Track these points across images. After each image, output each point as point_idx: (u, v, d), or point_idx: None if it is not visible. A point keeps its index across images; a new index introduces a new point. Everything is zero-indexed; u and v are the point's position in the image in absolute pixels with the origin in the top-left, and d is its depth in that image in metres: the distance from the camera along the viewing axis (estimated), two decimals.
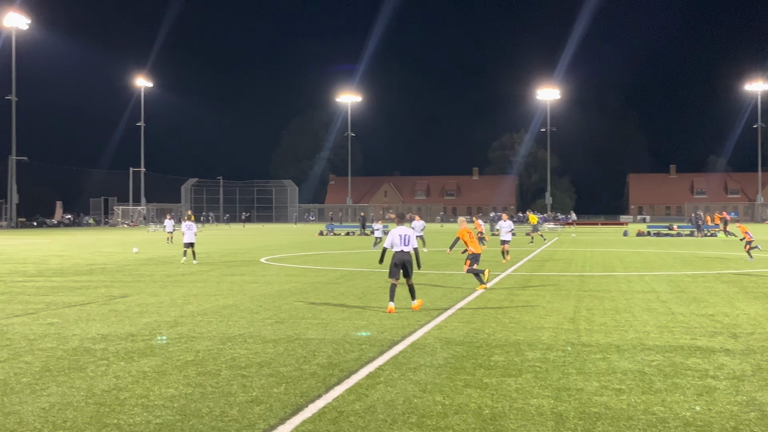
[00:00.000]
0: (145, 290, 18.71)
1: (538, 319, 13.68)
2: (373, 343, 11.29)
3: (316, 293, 17.90)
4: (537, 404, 7.90)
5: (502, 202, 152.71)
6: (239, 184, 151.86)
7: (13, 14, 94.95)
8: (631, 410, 7.70)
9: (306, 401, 7.98)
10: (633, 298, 16.86)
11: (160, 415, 7.45)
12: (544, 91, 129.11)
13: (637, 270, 25.03)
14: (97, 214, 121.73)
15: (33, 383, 8.77)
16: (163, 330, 12.50)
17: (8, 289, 19.01)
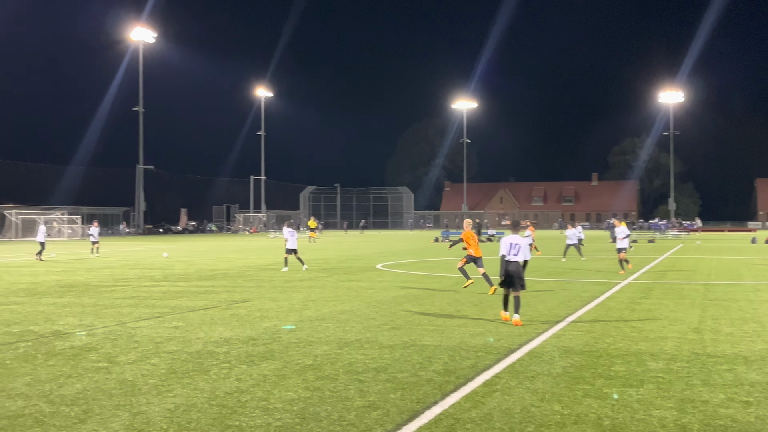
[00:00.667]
0: (266, 295, 19.12)
1: (661, 329, 13.31)
2: (490, 351, 11.21)
3: (432, 300, 17.92)
4: (660, 416, 7.68)
5: (622, 208, 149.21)
6: (356, 191, 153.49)
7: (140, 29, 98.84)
8: (759, 423, 7.40)
9: (422, 407, 7.99)
10: (762, 308, 16.20)
11: (279, 418, 7.60)
12: (667, 93, 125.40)
13: (767, 278, 24.03)
14: (219, 221, 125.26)
15: (159, 384, 9.08)
16: (282, 335, 12.75)
17: (136, 294, 19.76)
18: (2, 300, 18.35)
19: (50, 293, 19.94)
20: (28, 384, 9.12)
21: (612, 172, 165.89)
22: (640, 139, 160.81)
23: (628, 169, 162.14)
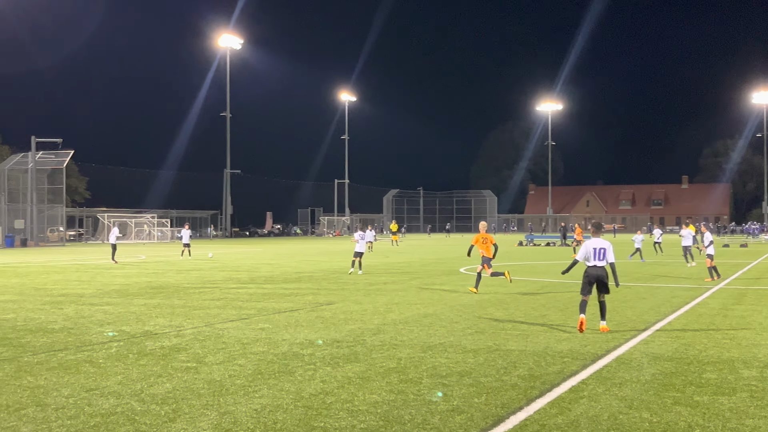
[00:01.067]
0: (350, 298, 19.25)
1: (755, 336, 12.92)
2: (576, 357, 11.06)
3: (516, 304, 17.77)
4: (753, 425, 7.46)
5: (713, 211, 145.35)
6: (439, 195, 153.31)
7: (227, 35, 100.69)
8: None
9: (507, 413, 7.93)
10: None
11: (364, 420, 7.64)
12: (761, 93, 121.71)
13: None
14: (304, 225, 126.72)
15: (246, 385, 9.23)
16: (366, 338, 12.81)
17: (224, 295, 20.13)
18: (96, 301, 18.92)
19: (141, 294, 20.47)
20: (120, 383, 9.37)
21: (703, 174, 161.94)
22: (733, 140, 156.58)
23: (719, 172, 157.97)
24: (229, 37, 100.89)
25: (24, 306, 17.76)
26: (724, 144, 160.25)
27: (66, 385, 9.25)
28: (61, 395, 8.71)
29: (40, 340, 12.75)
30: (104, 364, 10.55)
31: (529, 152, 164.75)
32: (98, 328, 14.13)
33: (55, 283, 24.41)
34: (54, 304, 18.22)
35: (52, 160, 71.85)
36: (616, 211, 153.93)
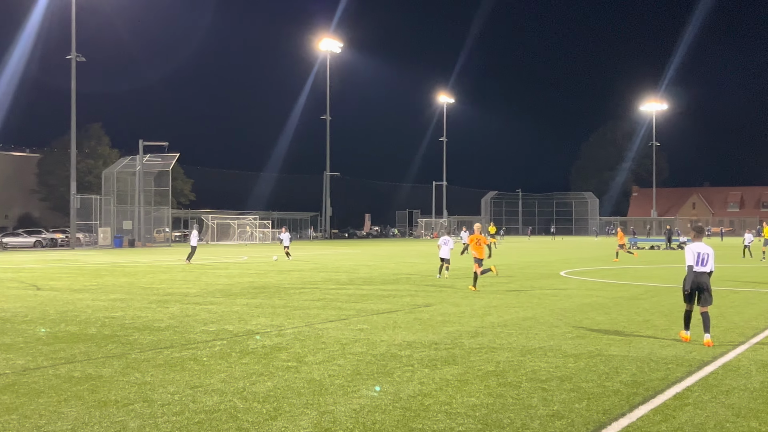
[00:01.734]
0: (447, 300, 19.21)
1: None
2: (681, 363, 10.77)
3: (619, 309, 17.41)
4: None
5: None
6: (538, 197, 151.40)
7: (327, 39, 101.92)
8: None
9: (609, 419, 7.78)
10: None
11: (462, 423, 7.61)
12: None
13: None
14: (402, 226, 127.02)
15: (345, 385, 9.31)
16: (464, 340, 12.76)
17: (323, 296, 20.36)
18: (200, 300, 19.39)
19: (244, 294, 20.88)
20: (224, 380, 9.58)
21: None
22: None
23: None
24: (330, 41, 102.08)
25: (132, 305, 18.35)
26: None
27: (171, 382, 9.51)
28: (166, 392, 8.96)
29: (147, 337, 13.15)
30: (208, 362, 10.80)
31: (632, 153, 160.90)
32: (203, 326, 14.48)
33: (161, 283, 25.14)
34: (160, 302, 18.76)
35: (158, 163, 74.01)
36: (723, 213, 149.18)
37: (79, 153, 79.25)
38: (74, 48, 66.52)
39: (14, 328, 14.34)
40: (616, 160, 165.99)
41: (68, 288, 23.21)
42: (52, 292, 21.67)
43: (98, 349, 11.90)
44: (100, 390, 9.05)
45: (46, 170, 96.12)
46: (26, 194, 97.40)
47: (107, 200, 73.54)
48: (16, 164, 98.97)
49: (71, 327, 14.45)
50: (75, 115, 67.94)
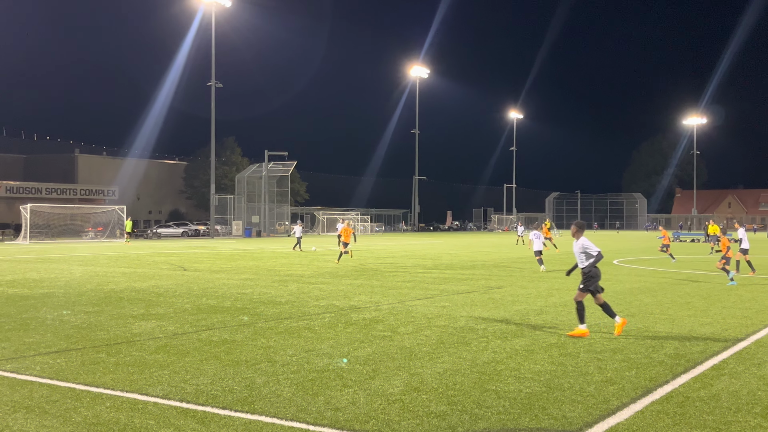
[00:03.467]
0: (516, 283, 18.97)
1: None
2: (718, 339, 10.38)
3: (663, 292, 16.88)
4: None
5: None
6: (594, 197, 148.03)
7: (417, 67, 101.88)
8: None
9: (654, 385, 7.56)
10: None
11: (529, 386, 7.51)
12: None
13: None
14: (478, 222, 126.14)
15: (431, 352, 9.30)
16: (530, 317, 12.58)
17: (412, 278, 20.37)
18: (313, 280, 19.65)
19: (348, 276, 21.06)
20: (332, 346, 9.69)
21: None
22: None
23: None
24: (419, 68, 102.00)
25: (258, 283, 18.72)
26: None
27: (290, 346, 9.66)
28: (286, 354, 9.11)
29: (270, 310, 13.39)
30: (319, 331, 10.93)
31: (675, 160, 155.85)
32: (315, 302, 14.67)
33: (281, 266, 25.57)
34: (281, 282, 19.08)
35: (280, 168, 75.39)
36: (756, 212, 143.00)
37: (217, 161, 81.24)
38: (213, 76, 68.34)
39: (166, 301, 14.81)
40: (663, 165, 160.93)
41: (208, 269, 23.84)
42: (196, 273, 22.29)
43: (232, 319, 12.19)
44: (233, 352, 9.26)
45: (191, 175, 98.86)
46: (175, 194, 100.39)
47: (239, 199, 75.45)
48: (167, 170, 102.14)
49: (211, 301, 14.83)
50: (214, 130, 69.91)
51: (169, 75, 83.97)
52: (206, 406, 6.71)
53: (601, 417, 6.43)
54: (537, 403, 6.88)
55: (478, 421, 6.31)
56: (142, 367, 8.30)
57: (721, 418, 6.40)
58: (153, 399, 6.95)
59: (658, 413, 6.54)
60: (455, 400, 6.94)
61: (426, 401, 6.91)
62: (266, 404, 6.77)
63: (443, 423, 6.23)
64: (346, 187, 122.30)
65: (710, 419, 6.36)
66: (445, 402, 6.88)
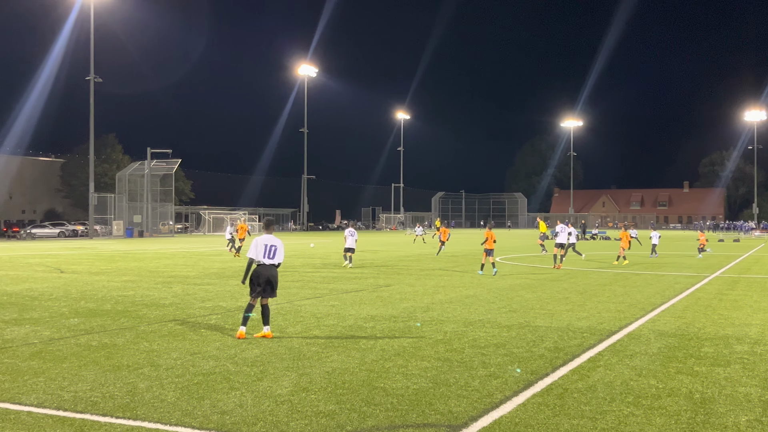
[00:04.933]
0: (404, 281, 19.23)
1: (746, 317, 12.58)
2: (594, 332, 10.90)
3: (543, 288, 17.56)
4: (745, 392, 7.26)
5: (710, 212, 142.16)
6: (478, 197, 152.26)
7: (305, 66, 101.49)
8: None
9: (536, 378, 7.85)
10: None
11: (416, 382, 7.63)
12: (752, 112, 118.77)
13: None
14: (366, 221, 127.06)
15: (320, 351, 9.27)
16: (417, 314, 12.79)
17: (301, 278, 20.26)
18: (199, 281, 19.20)
19: (235, 276, 20.69)
20: (218, 348, 9.50)
21: (702, 180, 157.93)
22: (728, 151, 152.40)
23: (716, 178, 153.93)
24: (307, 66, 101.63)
25: (141, 285, 18.11)
26: (720, 155, 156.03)
27: (174, 349, 9.40)
28: (170, 358, 8.86)
29: (153, 312, 12.98)
30: (205, 333, 10.69)
31: (554, 161, 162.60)
32: (200, 303, 14.34)
33: (165, 267, 24.84)
34: (164, 283, 18.54)
35: (163, 167, 73.18)
36: (627, 210, 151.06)
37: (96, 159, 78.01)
38: (92, 70, 65.45)
39: (41, 305, 14.09)
40: (542, 166, 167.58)
41: (87, 271, 22.85)
42: (74, 275, 21.32)
43: (113, 323, 11.74)
44: (114, 356, 8.92)
45: (69, 173, 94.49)
46: (52, 193, 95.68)
47: (120, 198, 72.56)
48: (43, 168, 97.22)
49: (90, 304, 14.23)
50: (93, 127, 66.99)
51: (45, 68, 79.84)
52: (85, 413, 6.43)
53: (485, 410, 6.61)
54: (424, 399, 6.99)
55: (366, 419, 6.35)
56: (14, 375, 7.86)
57: (597, 407, 6.72)
58: (27, 408, 6.59)
59: (539, 405, 6.79)
60: (344, 399, 6.96)
61: (315, 401, 6.89)
62: (149, 410, 6.56)
63: (332, 422, 6.23)
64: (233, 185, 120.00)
65: (587, 409, 6.66)
66: (333, 401, 6.89)
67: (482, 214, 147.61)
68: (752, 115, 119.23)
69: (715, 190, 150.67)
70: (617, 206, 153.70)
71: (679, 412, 6.56)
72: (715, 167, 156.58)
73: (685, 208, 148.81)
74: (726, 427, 6.17)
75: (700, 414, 6.52)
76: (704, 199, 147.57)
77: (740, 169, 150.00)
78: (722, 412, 6.56)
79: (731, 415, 6.50)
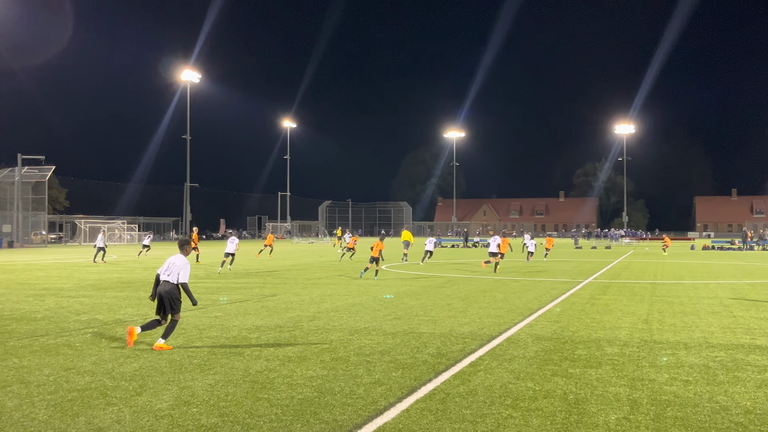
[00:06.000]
0: (290, 290, 19.09)
1: (616, 320, 13.27)
2: (475, 338, 11.19)
3: (427, 295, 17.88)
4: (615, 392, 7.66)
5: (584, 220, 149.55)
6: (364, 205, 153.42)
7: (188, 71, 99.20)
8: (697, 398, 7.38)
9: (419, 384, 7.98)
10: (699, 303, 16.15)
11: (301, 392, 7.59)
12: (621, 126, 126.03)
13: (703, 279, 23.95)
14: (252, 229, 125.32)
15: (202, 364, 9.07)
16: (303, 323, 12.73)
17: None
18: (73, 294, 18.35)
19: (113, 288, 19.93)
20: (95, 363, 9.11)
21: (576, 190, 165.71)
22: (600, 163, 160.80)
23: (589, 188, 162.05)
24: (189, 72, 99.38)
25: (10, 298, 17.12)
26: (593, 166, 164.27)
27: (47, 365, 8.95)
28: (42, 374, 8.42)
29: (24, 327, 12.30)
30: (80, 347, 10.24)
31: (438, 171, 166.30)
32: (75, 316, 13.72)
33: (37, 279, 23.60)
34: (37, 296, 17.61)
35: (36, 174, 69.48)
36: (507, 219, 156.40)
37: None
38: None
39: None
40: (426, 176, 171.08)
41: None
42: None
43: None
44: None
45: None
46: None
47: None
48: None
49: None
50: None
51: None
52: None
53: (370, 418, 6.66)
54: (309, 408, 6.97)
55: (249, 430, 6.26)
56: None
57: (478, 411, 6.91)
58: None
59: (422, 411, 6.91)
60: (227, 412, 6.83)
61: (196, 414, 6.73)
62: (18, 429, 6.21)
63: None
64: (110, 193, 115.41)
65: (468, 413, 6.84)
66: (216, 414, 6.75)
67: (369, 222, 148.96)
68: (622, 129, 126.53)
69: (589, 199, 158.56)
70: (498, 215, 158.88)
71: (554, 413, 6.85)
72: (588, 178, 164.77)
73: (561, 217, 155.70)
74: (597, 425, 6.49)
75: (573, 414, 6.83)
76: (579, 208, 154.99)
77: (611, 179, 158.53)
78: (594, 412, 6.90)
79: (602, 414, 6.84)
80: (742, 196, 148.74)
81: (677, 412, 6.88)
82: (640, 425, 6.49)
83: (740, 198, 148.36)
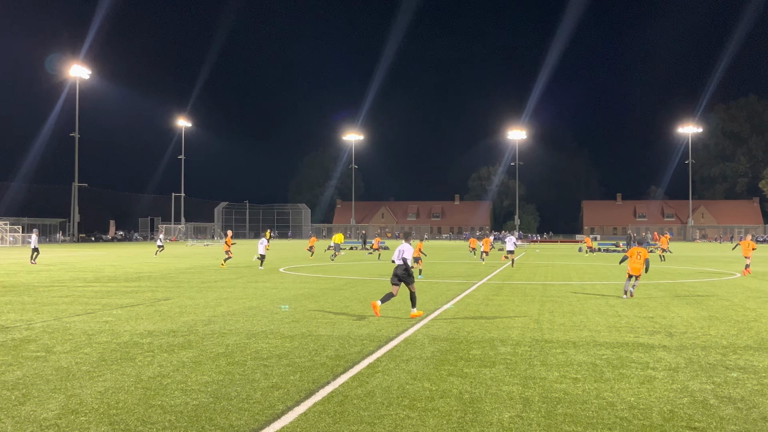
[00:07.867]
0: (184, 294, 18.64)
1: (509, 320, 13.64)
2: (373, 339, 11.25)
3: (325, 298, 17.84)
4: (508, 390, 7.88)
5: (479, 223, 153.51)
6: (262, 207, 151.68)
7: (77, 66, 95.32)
8: (586, 395, 7.69)
9: (317, 387, 7.95)
10: (586, 303, 16.83)
11: (196, 398, 7.42)
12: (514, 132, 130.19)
13: (590, 279, 24.99)
14: (144, 232, 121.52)
15: (91, 371, 8.72)
16: (198, 327, 12.45)
17: (71, 293, 18.93)
18: None
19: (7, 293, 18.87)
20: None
21: (471, 193, 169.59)
22: (494, 167, 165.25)
23: (483, 192, 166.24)
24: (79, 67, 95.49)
25: None
26: (487, 170, 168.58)
27: None
28: None
29: None
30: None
31: (337, 173, 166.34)
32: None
33: None
34: None
35: None
36: (404, 221, 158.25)
37: None
38: None
39: None
40: (325, 178, 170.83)
41: None
42: None
43: None
44: None
45: None
46: None
47: None
48: None
49: None
50: None
51: None
52: None
53: (267, 422, 6.58)
54: (204, 414, 6.82)
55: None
56: None
57: (376, 412, 6.95)
58: None
59: (320, 413, 6.88)
60: (118, 419, 6.59)
61: (85, 423, 6.46)
62: None
63: None
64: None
65: (366, 415, 6.87)
66: (106, 422, 6.50)
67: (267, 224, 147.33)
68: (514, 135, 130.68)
69: (483, 203, 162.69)
70: (395, 217, 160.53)
71: (450, 413, 6.97)
72: (482, 182, 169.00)
73: (457, 220, 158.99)
74: (491, 423, 6.65)
75: (469, 413, 6.97)
76: (473, 211, 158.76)
77: (504, 183, 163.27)
78: (488, 410, 7.07)
79: (496, 412, 7.01)
80: (626, 201, 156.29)
81: (567, 409, 7.14)
82: (532, 422, 6.70)
83: (624, 202, 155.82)
